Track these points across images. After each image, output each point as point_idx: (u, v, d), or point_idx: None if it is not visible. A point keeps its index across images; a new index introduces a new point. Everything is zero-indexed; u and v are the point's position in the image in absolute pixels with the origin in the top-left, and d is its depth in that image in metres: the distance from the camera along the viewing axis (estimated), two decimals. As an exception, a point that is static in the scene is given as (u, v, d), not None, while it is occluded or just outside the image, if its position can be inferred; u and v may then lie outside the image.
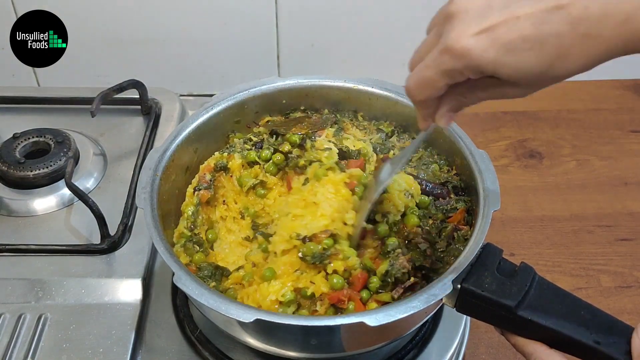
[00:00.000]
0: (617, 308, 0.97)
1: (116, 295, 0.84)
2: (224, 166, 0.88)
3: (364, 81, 0.91)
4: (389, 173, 0.74)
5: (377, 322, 0.63)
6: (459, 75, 0.54)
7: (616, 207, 1.13)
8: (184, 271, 0.68)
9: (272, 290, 0.72)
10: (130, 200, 0.95)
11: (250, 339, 0.73)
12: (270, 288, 0.72)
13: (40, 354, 0.78)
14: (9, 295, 0.84)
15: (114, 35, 1.26)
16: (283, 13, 1.25)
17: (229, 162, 0.88)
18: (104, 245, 0.88)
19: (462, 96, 0.59)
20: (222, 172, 0.88)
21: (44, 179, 0.98)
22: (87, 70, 1.30)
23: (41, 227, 0.94)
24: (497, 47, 0.51)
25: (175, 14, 1.24)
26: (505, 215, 1.11)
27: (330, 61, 1.33)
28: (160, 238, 0.72)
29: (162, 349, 0.81)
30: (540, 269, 0.71)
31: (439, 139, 0.87)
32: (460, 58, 0.52)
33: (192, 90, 1.30)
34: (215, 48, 1.29)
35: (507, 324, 0.66)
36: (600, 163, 1.22)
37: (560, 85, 0.57)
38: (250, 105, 0.91)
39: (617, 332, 0.62)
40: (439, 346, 0.83)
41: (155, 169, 0.80)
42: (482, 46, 0.51)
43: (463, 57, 0.52)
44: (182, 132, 0.85)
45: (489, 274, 0.66)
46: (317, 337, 0.70)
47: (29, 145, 1.02)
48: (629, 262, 1.04)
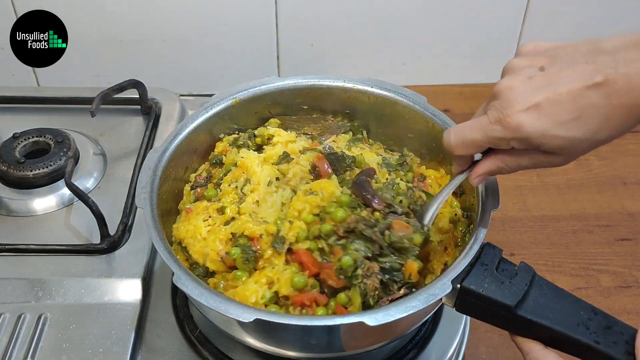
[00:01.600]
0: (616, 308, 0.97)
1: (116, 295, 0.84)
2: (220, 161, 0.88)
3: (364, 81, 0.91)
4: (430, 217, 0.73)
5: (376, 321, 0.63)
6: (505, 144, 0.61)
7: (615, 207, 1.13)
8: (183, 271, 0.68)
9: (248, 293, 0.72)
10: (130, 200, 0.95)
11: (250, 339, 0.73)
12: (246, 291, 0.72)
13: (40, 353, 0.78)
14: (9, 295, 0.84)
15: (114, 35, 1.26)
16: (283, 13, 1.25)
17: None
18: (104, 245, 0.88)
19: (502, 162, 0.65)
20: (217, 168, 0.88)
21: (44, 179, 0.98)
22: (87, 70, 1.30)
23: (41, 227, 0.94)
24: (545, 121, 0.58)
25: (175, 14, 1.24)
26: (505, 215, 1.11)
27: (330, 61, 1.33)
28: (160, 238, 0.72)
29: (162, 348, 0.81)
30: (539, 268, 0.71)
31: (438, 139, 0.87)
32: (511, 130, 0.59)
33: (192, 90, 1.30)
34: (215, 48, 1.29)
35: (507, 323, 0.66)
36: (600, 163, 1.22)
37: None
38: (250, 105, 0.92)
39: (617, 331, 0.62)
40: (439, 346, 0.83)
41: (155, 169, 0.80)
42: (531, 120, 0.58)
43: (514, 130, 0.59)
44: (182, 132, 0.85)
45: (488, 273, 0.67)
46: (317, 337, 0.70)
47: (29, 145, 1.02)
48: (629, 262, 1.04)
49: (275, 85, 0.92)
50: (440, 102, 0.91)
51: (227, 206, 0.79)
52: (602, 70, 0.56)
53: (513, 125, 0.59)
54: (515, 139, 0.60)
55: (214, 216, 0.80)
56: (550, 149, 0.60)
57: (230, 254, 0.74)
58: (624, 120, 0.57)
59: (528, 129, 0.58)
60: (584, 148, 0.60)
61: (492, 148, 0.65)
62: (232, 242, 0.76)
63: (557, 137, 0.58)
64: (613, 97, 0.56)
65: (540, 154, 0.61)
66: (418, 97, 0.88)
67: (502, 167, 0.65)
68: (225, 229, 0.77)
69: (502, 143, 0.61)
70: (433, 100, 0.88)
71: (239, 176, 0.83)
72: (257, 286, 0.72)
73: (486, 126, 0.61)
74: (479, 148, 0.65)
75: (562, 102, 0.57)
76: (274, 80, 0.92)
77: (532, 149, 0.61)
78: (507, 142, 0.61)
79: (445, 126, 0.85)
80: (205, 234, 0.77)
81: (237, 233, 0.76)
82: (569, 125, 0.58)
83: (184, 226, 0.79)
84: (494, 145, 0.63)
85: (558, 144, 0.59)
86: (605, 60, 0.57)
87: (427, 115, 0.86)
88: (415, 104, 0.88)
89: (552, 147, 0.60)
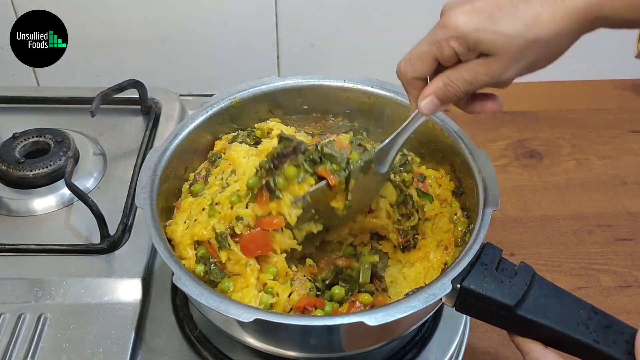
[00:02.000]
0: (616, 308, 0.97)
1: (116, 295, 0.84)
2: (218, 159, 0.88)
3: (364, 81, 0.91)
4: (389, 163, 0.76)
5: (376, 321, 0.63)
6: (446, 47, 0.62)
7: (615, 206, 1.13)
8: (183, 271, 0.68)
9: (246, 299, 0.72)
10: (130, 200, 0.95)
11: (250, 339, 0.73)
12: (244, 297, 0.72)
13: (40, 353, 0.78)
14: (8, 295, 0.84)
15: (114, 35, 1.26)
16: (283, 13, 1.25)
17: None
18: (104, 245, 0.88)
19: (446, 78, 0.65)
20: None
21: (44, 179, 0.98)
22: (87, 70, 1.30)
23: (41, 226, 0.94)
24: (478, 17, 0.60)
25: (175, 14, 1.24)
26: (504, 215, 1.11)
27: (330, 61, 1.33)
28: (160, 238, 0.72)
29: (161, 348, 0.81)
30: (539, 268, 0.71)
31: (438, 139, 0.87)
32: (449, 28, 0.61)
33: (192, 90, 1.30)
34: (215, 48, 1.29)
35: (506, 323, 0.67)
36: (600, 163, 1.22)
37: (559, 85, 0.58)
38: (250, 105, 0.91)
39: (617, 331, 0.63)
40: (439, 346, 0.83)
41: (155, 169, 0.80)
42: (467, 17, 0.61)
43: (451, 28, 0.61)
44: (182, 131, 0.85)
45: (488, 273, 0.67)
46: (317, 337, 0.70)
47: (29, 145, 1.02)
48: (629, 262, 1.04)
49: (275, 85, 0.92)
50: (440, 102, 0.91)
51: (207, 198, 0.79)
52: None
53: (451, 24, 0.61)
54: (453, 38, 0.61)
55: (192, 213, 0.79)
56: (486, 49, 0.60)
57: (196, 272, 0.74)
58: (557, 19, 0.58)
59: (463, 26, 0.60)
60: (520, 46, 0.60)
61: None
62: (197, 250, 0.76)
63: (490, 32, 0.59)
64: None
65: (478, 62, 0.62)
66: (418, 97, 0.88)
67: (446, 82, 0.65)
68: (192, 234, 0.77)
69: (444, 46, 0.62)
70: (433, 100, 0.88)
71: (225, 168, 0.83)
72: (250, 290, 0.72)
73: (429, 35, 0.64)
74: (427, 64, 0.65)
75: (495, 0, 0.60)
76: (274, 80, 0.92)
77: (471, 51, 0.61)
78: (448, 43, 0.62)
79: (446, 126, 0.85)
80: (179, 238, 0.77)
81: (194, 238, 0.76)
82: (502, 19, 0.59)
83: (171, 226, 0.79)
84: (438, 51, 0.63)
85: (492, 40, 0.60)
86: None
87: (427, 115, 0.86)
88: (415, 103, 0.88)
89: (487, 45, 0.60)
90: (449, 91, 0.65)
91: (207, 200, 0.79)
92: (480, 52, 0.61)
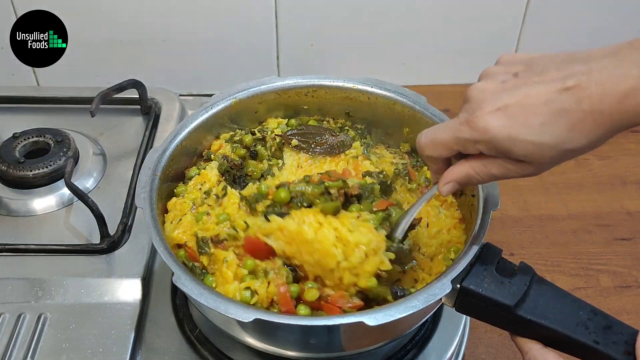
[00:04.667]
0: (616, 308, 0.97)
1: (116, 295, 0.84)
2: (209, 158, 0.88)
3: (364, 81, 0.91)
4: (401, 230, 0.72)
5: (376, 321, 0.63)
6: (472, 147, 0.60)
7: (615, 206, 1.13)
8: (183, 271, 0.68)
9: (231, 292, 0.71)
10: (129, 200, 0.95)
11: (250, 339, 0.73)
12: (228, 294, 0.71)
13: (40, 353, 0.78)
14: (8, 295, 0.84)
15: (114, 35, 1.26)
16: (282, 13, 1.25)
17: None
18: (104, 245, 0.88)
19: (471, 169, 0.63)
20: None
21: (44, 179, 0.98)
22: (87, 70, 1.30)
23: (41, 227, 0.94)
24: (512, 124, 0.56)
25: (175, 14, 1.24)
26: (504, 215, 1.11)
27: (330, 61, 1.33)
28: (160, 238, 0.72)
29: (161, 348, 0.81)
30: (539, 268, 0.71)
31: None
32: (478, 131, 0.58)
33: (192, 90, 1.30)
34: (215, 48, 1.29)
35: (506, 323, 0.67)
36: (599, 162, 1.22)
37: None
38: (249, 105, 0.92)
39: (616, 331, 0.62)
40: (439, 346, 0.83)
41: (155, 169, 0.80)
42: (499, 123, 0.56)
43: (480, 131, 0.57)
44: (182, 131, 0.85)
45: (488, 273, 0.67)
46: (316, 337, 0.70)
47: (29, 145, 1.03)
48: (628, 262, 1.04)
49: (275, 85, 0.92)
50: (440, 102, 0.91)
51: (187, 201, 0.80)
52: (574, 75, 0.55)
53: (480, 126, 0.57)
54: (482, 142, 0.58)
55: (176, 213, 0.80)
56: (518, 156, 0.58)
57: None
58: (594, 129, 0.55)
59: (494, 131, 0.56)
60: (553, 156, 0.57)
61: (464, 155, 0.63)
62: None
63: (524, 142, 0.56)
64: (584, 103, 0.54)
65: (509, 161, 0.59)
66: (418, 97, 0.89)
67: (471, 174, 0.63)
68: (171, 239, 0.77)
69: (469, 145, 0.60)
70: (433, 100, 0.88)
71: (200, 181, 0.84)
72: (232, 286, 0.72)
73: (455, 127, 0.60)
74: (448, 150, 0.63)
75: (531, 105, 0.56)
76: (274, 80, 0.92)
77: (500, 155, 0.59)
78: (474, 144, 0.59)
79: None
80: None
81: (174, 242, 0.76)
82: (537, 129, 0.55)
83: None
84: (462, 147, 0.61)
85: (525, 150, 0.57)
86: (579, 67, 0.55)
87: (427, 115, 0.86)
88: (415, 104, 0.88)
89: (519, 153, 0.57)
90: (472, 181, 0.64)
91: (188, 204, 0.80)
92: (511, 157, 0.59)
